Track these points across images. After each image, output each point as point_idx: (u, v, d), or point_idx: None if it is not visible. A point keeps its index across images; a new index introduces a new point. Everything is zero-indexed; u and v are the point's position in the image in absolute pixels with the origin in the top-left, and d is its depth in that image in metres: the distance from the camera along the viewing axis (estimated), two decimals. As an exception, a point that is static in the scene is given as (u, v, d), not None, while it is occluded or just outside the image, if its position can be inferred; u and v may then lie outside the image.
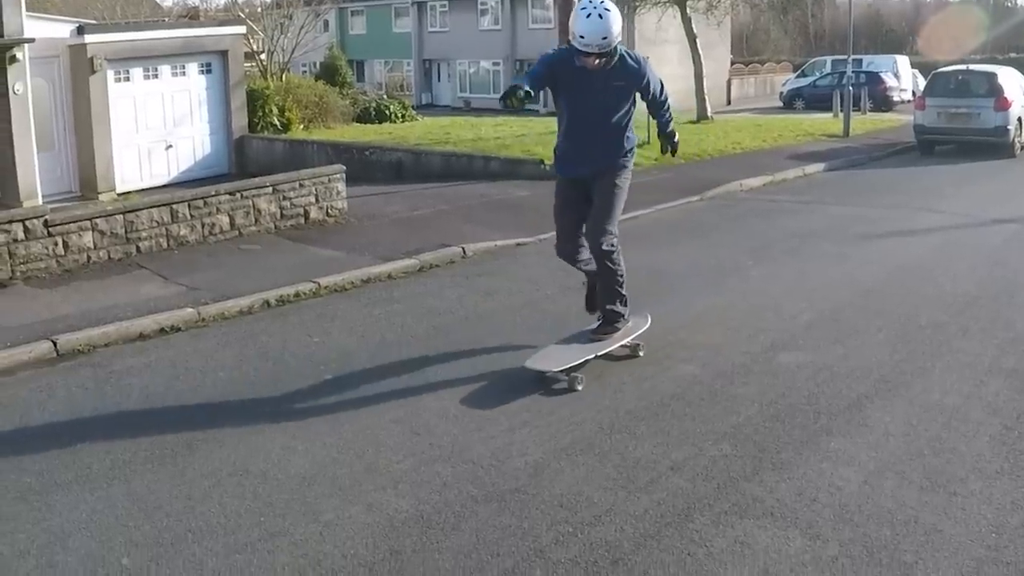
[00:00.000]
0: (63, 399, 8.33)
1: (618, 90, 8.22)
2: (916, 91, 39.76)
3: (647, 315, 9.04)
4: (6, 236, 12.18)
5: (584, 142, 8.36)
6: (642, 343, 8.71)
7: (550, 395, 7.84)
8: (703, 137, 25.86)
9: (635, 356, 8.68)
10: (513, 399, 7.81)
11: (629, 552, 5.48)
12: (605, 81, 8.06)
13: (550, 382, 7.91)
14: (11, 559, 5.70)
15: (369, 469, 6.65)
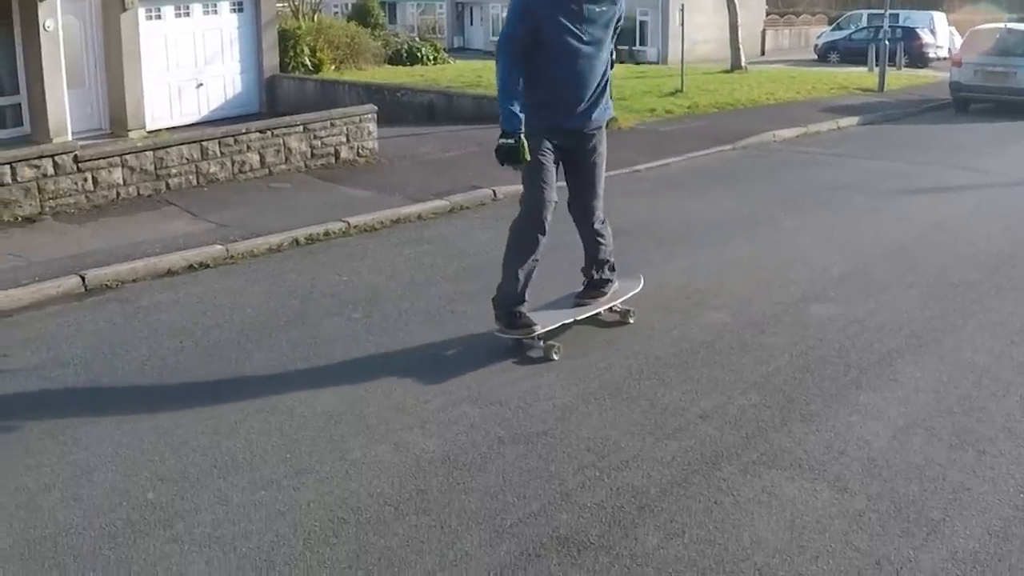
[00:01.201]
0: (91, 334, 8.34)
1: (601, 16, 7.46)
2: (952, 48, 39.40)
3: (640, 277, 8.67)
4: (35, 171, 12.18)
5: (576, 85, 7.46)
6: (633, 308, 8.29)
7: (578, 339, 7.78)
8: (736, 87, 25.63)
9: (625, 323, 8.23)
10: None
11: (655, 498, 5.45)
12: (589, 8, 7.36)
13: (526, 348, 7.64)
14: (36, 492, 5.71)
15: (396, 408, 6.64)
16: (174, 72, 24.44)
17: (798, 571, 4.76)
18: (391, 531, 5.18)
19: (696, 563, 4.83)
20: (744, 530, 5.13)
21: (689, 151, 16.86)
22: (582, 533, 5.12)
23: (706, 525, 5.19)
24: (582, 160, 7.83)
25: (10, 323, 8.76)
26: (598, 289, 8.24)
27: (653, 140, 17.88)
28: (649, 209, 12.56)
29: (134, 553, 5.07)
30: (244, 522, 5.31)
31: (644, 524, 5.20)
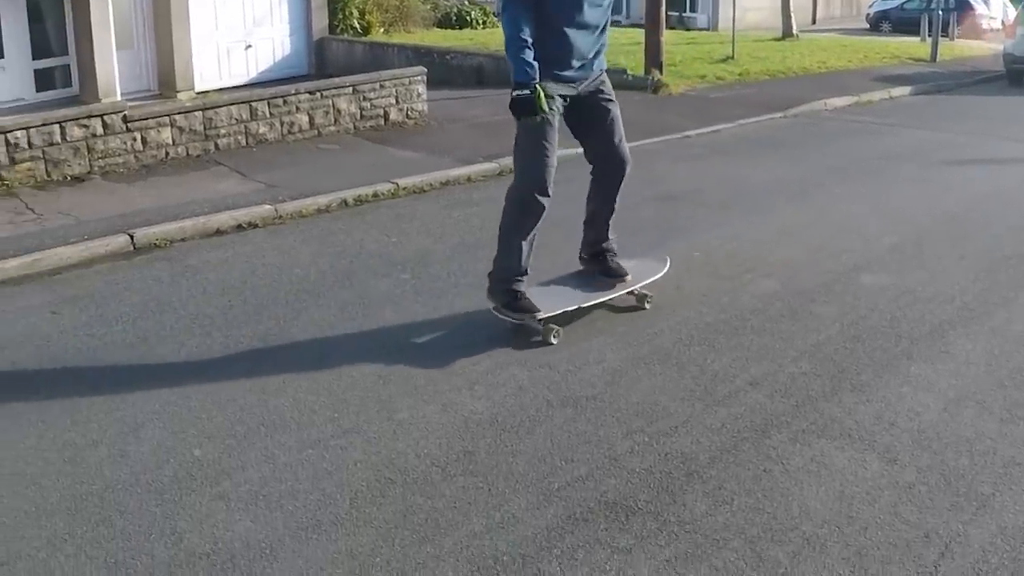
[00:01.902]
0: (139, 291, 8.36)
1: None
2: (1006, 20, 38.89)
3: (666, 259, 8.15)
4: (85, 131, 12.22)
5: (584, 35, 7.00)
6: (650, 293, 7.79)
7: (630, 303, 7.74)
8: (787, 55, 25.42)
9: (641, 308, 7.71)
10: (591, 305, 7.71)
11: (704, 465, 5.40)
12: None
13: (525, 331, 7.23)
14: (83, 448, 5.74)
15: (444, 370, 6.63)
16: (223, 33, 24.41)
17: (846, 542, 4.71)
18: (438, 492, 5.16)
19: (744, 531, 4.79)
20: (793, 499, 5.08)
21: (739, 118, 16.74)
22: (630, 498, 5.08)
23: (755, 493, 5.14)
24: (595, 107, 7.36)
25: (59, 281, 8.80)
26: (619, 277, 7.73)
27: (703, 106, 17.77)
28: (699, 175, 12.48)
29: (180, 510, 5.08)
30: (291, 480, 5.31)
31: (692, 491, 5.16)
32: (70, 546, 4.82)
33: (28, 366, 6.98)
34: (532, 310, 7.13)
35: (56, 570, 4.63)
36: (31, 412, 6.27)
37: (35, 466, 5.55)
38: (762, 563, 4.55)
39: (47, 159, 11.99)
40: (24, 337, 7.49)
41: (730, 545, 4.69)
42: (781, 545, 4.68)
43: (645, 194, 10.85)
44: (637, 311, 7.64)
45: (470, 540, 4.75)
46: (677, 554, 4.63)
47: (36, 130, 11.92)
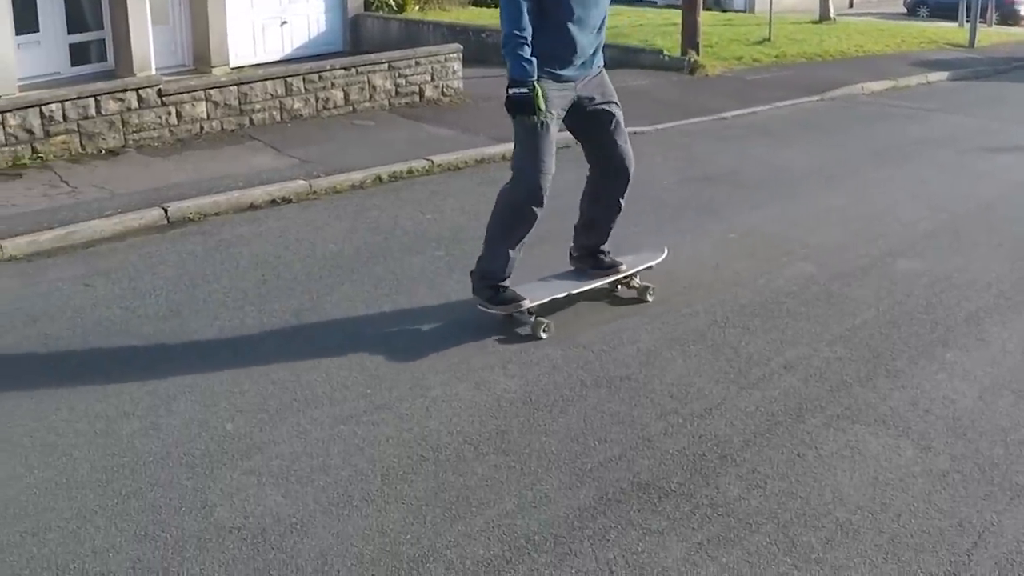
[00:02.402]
0: (172, 265, 8.36)
1: None
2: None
3: (664, 248, 7.90)
4: (120, 104, 12.22)
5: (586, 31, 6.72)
6: (652, 285, 7.54)
7: (665, 284, 7.68)
8: (824, 38, 25.24)
9: (643, 300, 7.45)
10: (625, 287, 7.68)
11: (738, 448, 5.37)
12: None
13: (514, 324, 6.98)
14: (115, 420, 5.75)
15: (478, 347, 6.61)
16: (258, 10, 24.38)
17: (879, 528, 4.68)
18: (470, 470, 5.15)
19: (777, 515, 4.76)
20: (826, 484, 5.04)
21: (776, 100, 16.63)
22: (663, 480, 5.05)
23: (788, 477, 5.10)
24: (597, 111, 7.05)
25: (93, 253, 8.81)
26: (614, 268, 7.46)
27: (740, 88, 17.67)
28: (736, 157, 12.39)
29: (211, 483, 5.08)
30: (322, 456, 5.31)
31: (726, 473, 5.13)
32: (100, 518, 4.82)
33: (61, 338, 6.98)
34: (516, 299, 6.89)
35: (86, 541, 4.64)
36: (63, 384, 6.28)
37: (66, 438, 5.57)
38: (794, 548, 4.52)
39: (82, 132, 12.00)
40: (57, 309, 7.50)
41: (763, 529, 4.66)
42: (814, 530, 4.65)
43: (682, 175, 10.83)
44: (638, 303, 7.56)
45: (501, 519, 4.73)
46: (709, 537, 4.60)
47: (71, 103, 11.93)
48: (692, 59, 19.21)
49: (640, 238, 8.45)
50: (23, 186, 10.74)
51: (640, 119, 14.35)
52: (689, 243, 8.73)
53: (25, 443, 5.53)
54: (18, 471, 5.25)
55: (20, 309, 7.53)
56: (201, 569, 4.42)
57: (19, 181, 10.94)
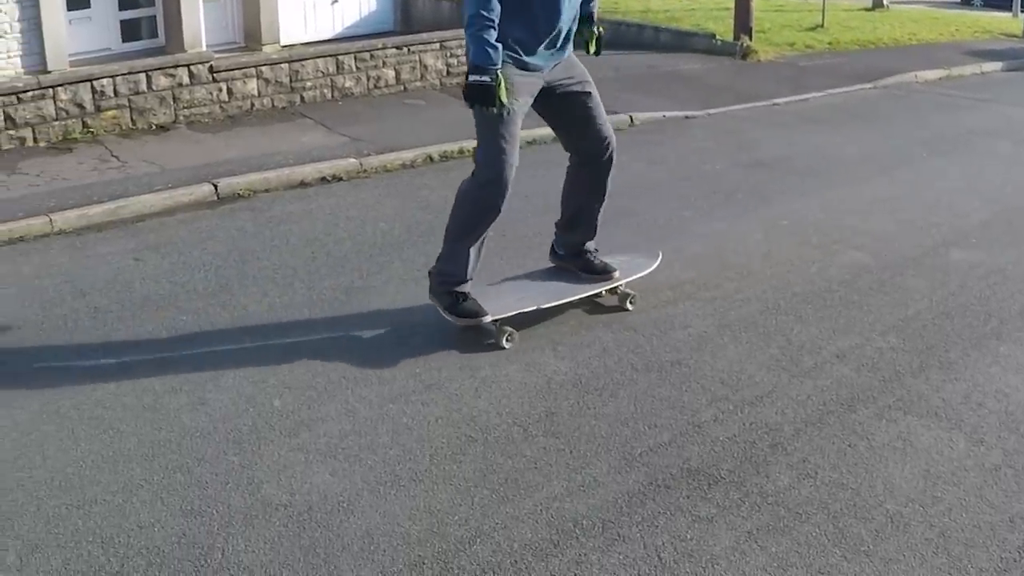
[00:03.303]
0: (222, 241, 8.37)
1: None
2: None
3: (658, 253, 7.40)
4: (171, 80, 12.25)
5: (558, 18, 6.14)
6: (635, 293, 7.02)
7: (717, 270, 7.66)
8: (878, 25, 25.01)
9: (624, 309, 6.94)
10: (677, 269, 7.66)
11: (789, 437, 5.31)
12: None
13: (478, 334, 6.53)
14: (162, 394, 5.77)
15: (527, 329, 6.57)
16: (309, -12, 24.43)
17: (930, 522, 4.62)
18: (519, 452, 5.13)
19: (828, 506, 4.71)
20: (877, 476, 4.98)
21: (829, 87, 16.47)
22: (713, 467, 5.01)
23: (839, 468, 5.05)
24: (568, 95, 6.54)
25: (142, 228, 8.84)
26: (606, 274, 6.92)
27: (792, 74, 17.52)
28: (788, 143, 12.28)
29: (258, 459, 5.08)
30: (370, 435, 5.30)
31: (776, 462, 5.08)
32: (146, 492, 4.84)
33: (110, 311, 7.00)
34: (476, 314, 6.36)
35: (131, 515, 4.65)
36: (111, 357, 6.31)
37: (114, 411, 5.59)
38: (844, 539, 4.47)
39: (132, 108, 12.02)
40: (106, 283, 7.52)
41: (812, 519, 4.61)
42: (864, 522, 4.60)
43: (733, 160, 10.76)
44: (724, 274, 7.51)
45: (550, 502, 4.71)
46: (759, 526, 4.56)
47: (122, 78, 11.96)
48: (745, 44, 19.08)
49: (691, 223, 8.42)
50: (74, 160, 10.78)
51: (692, 103, 14.31)
52: (740, 229, 8.66)
53: (72, 416, 5.55)
54: (65, 443, 5.27)
55: (70, 282, 7.56)
56: (247, 545, 4.42)
57: (70, 155, 10.99)
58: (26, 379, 6.08)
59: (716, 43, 19.19)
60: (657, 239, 8.30)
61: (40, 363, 6.29)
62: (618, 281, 6.91)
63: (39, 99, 11.46)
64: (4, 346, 6.55)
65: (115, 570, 4.27)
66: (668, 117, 13.59)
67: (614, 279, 6.88)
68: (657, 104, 14.17)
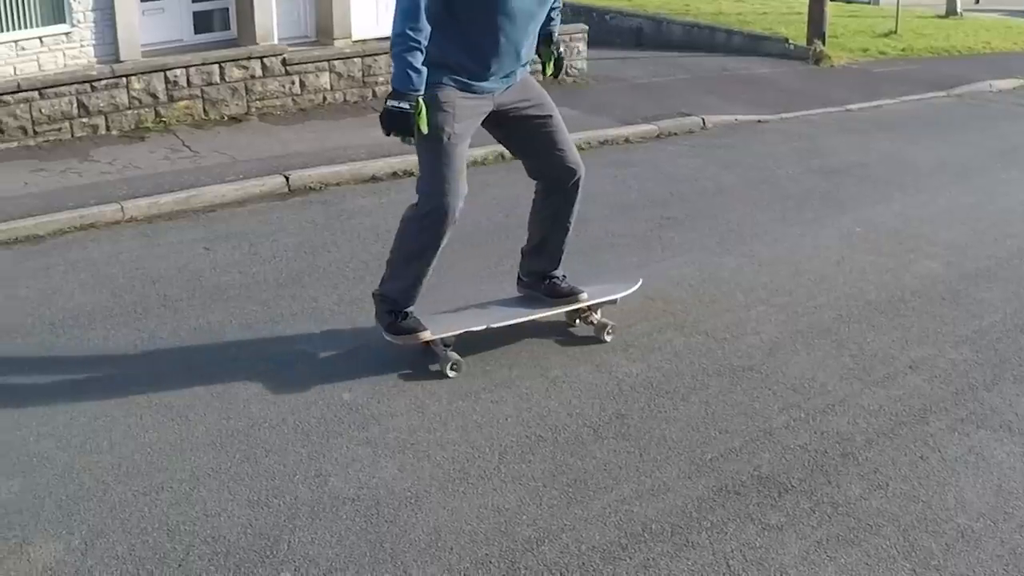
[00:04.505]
0: (292, 233, 8.40)
1: None
2: None
3: (638, 279, 6.94)
4: (244, 72, 12.34)
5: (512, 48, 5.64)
6: (612, 323, 6.51)
7: (790, 275, 7.60)
8: (951, 33, 24.79)
9: (600, 340, 6.42)
10: (750, 274, 7.62)
11: (861, 447, 5.24)
12: None
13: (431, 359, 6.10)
14: (232, 383, 5.80)
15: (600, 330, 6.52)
16: (382, -17, 24.45)
17: (1002, 538, 4.53)
18: (588, 453, 5.09)
19: (898, 518, 4.63)
20: (949, 489, 4.90)
21: (902, 94, 16.33)
22: (783, 475, 4.95)
23: (910, 480, 4.96)
24: (523, 119, 6.07)
25: (212, 218, 8.89)
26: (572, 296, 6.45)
27: (866, 80, 17.40)
28: (861, 150, 12.18)
29: (326, 452, 5.08)
30: (440, 431, 5.29)
31: (847, 472, 5.01)
32: (214, 481, 4.85)
33: (180, 300, 7.04)
34: (414, 331, 5.95)
35: (198, 504, 4.66)
36: (180, 346, 6.35)
37: (183, 399, 5.61)
38: (914, 552, 4.40)
39: (205, 98, 12.11)
40: (176, 271, 7.56)
41: (883, 531, 4.54)
42: (935, 536, 4.52)
43: (806, 165, 10.69)
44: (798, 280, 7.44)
45: (619, 505, 4.67)
46: (829, 536, 4.50)
47: (196, 69, 12.06)
48: (818, 49, 18.97)
49: (764, 227, 8.37)
50: (146, 149, 10.87)
51: (764, 107, 14.24)
52: (814, 234, 8.58)
53: (141, 402, 5.58)
54: (133, 430, 5.30)
55: (140, 270, 7.61)
56: (313, 538, 4.41)
57: (142, 144, 11.08)
58: (95, 365, 6.12)
59: (789, 47, 19.09)
60: (730, 242, 8.30)
61: (109, 349, 6.33)
62: (584, 303, 6.43)
63: (113, 88, 11.57)
64: (74, 331, 6.60)
65: (180, 558, 4.28)
66: (741, 121, 13.54)
67: (580, 301, 6.41)
68: (730, 107, 14.12)
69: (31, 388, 5.85)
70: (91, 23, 14.95)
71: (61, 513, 4.60)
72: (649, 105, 13.95)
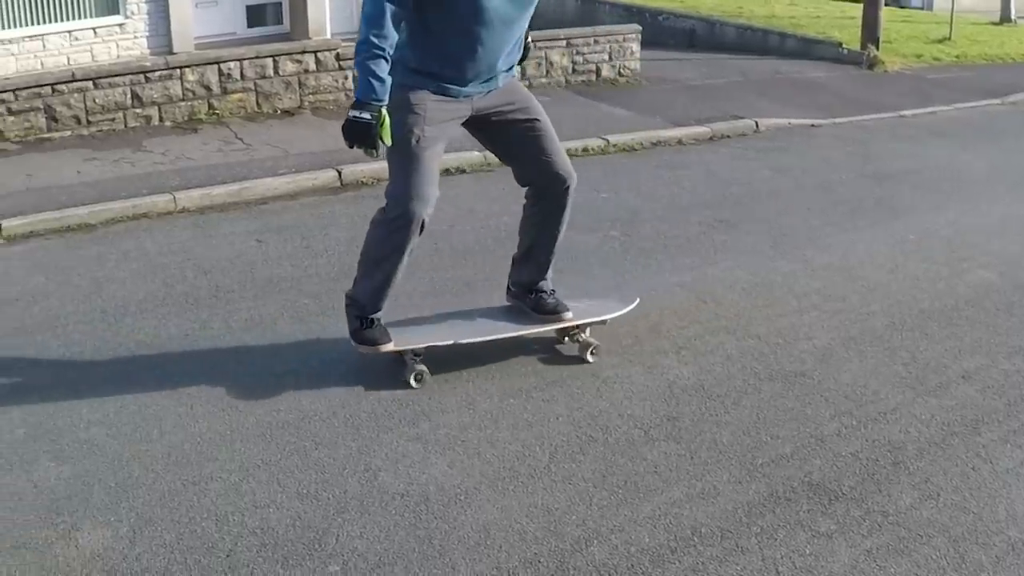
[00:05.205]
0: (345, 227, 8.41)
1: None
2: None
3: (636, 297, 6.60)
4: (297, 66, 12.39)
5: (487, 57, 5.44)
6: (597, 344, 6.19)
7: (843, 282, 7.55)
8: (1005, 40, 24.56)
9: (584, 361, 6.12)
10: (803, 279, 7.58)
11: (912, 456, 5.19)
12: None
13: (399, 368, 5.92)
14: (281, 376, 5.85)
15: (652, 331, 6.53)
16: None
17: (1053, 553, 4.49)
18: (639, 455, 5.08)
19: (948, 529, 4.59)
20: (1000, 501, 4.84)
21: (956, 101, 16.20)
22: (835, 482, 4.91)
23: (962, 491, 4.92)
24: (508, 124, 5.82)
25: (265, 210, 8.93)
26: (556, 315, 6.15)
27: (919, 86, 17.28)
28: (914, 156, 12.09)
29: (376, 447, 5.10)
30: (490, 428, 5.30)
31: (899, 481, 4.96)
32: (263, 472, 4.87)
33: (232, 291, 7.08)
34: (375, 342, 5.79)
35: (247, 494, 4.69)
36: (231, 337, 6.39)
37: (233, 390, 5.66)
38: (964, 564, 4.36)
39: (258, 91, 12.17)
40: (229, 262, 7.60)
41: (933, 542, 4.50)
42: (985, 548, 4.48)
43: (859, 171, 10.63)
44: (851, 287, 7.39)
45: (669, 507, 4.65)
46: (879, 545, 4.46)
47: (249, 62, 12.12)
48: (871, 54, 18.85)
49: (817, 233, 8.33)
50: (199, 140, 10.93)
51: (817, 112, 14.17)
52: (867, 241, 8.51)
53: (192, 392, 5.62)
54: (183, 419, 5.34)
55: (192, 260, 7.66)
56: (362, 532, 4.43)
57: (195, 135, 11.15)
58: (146, 353, 6.17)
59: (842, 52, 18.98)
60: (784, 246, 8.26)
61: (161, 338, 6.37)
62: (568, 322, 6.15)
63: (167, 79, 11.65)
64: (126, 320, 6.65)
65: (228, 548, 4.30)
66: (794, 125, 13.46)
67: (563, 320, 6.13)
68: (782, 111, 14.05)
69: (82, 375, 5.90)
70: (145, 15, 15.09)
71: (110, 500, 4.64)
72: (702, 107, 13.92)
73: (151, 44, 15.26)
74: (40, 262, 7.77)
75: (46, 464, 4.93)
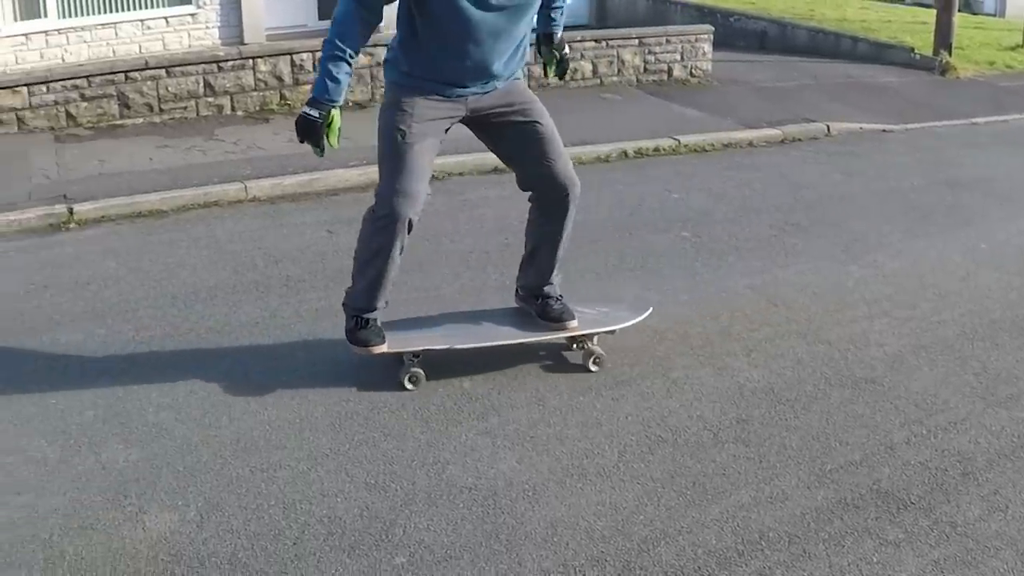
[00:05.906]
0: (414, 221, 8.42)
1: None
2: None
3: (649, 306, 6.42)
4: (370, 60, 12.42)
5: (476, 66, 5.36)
6: (602, 354, 6.02)
7: (914, 289, 7.48)
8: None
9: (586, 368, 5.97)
10: (874, 285, 7.52)
11: (982, 467, 5.14)
12: None
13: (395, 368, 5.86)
14: (353, 367, 5.89)
15: (723, 333, 6.51)
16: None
17: (1122, 569, 4.44)
18: (708, 456, 5.07)
19: (1016, 542, 4.54)
20: (1070, 515, 4.80)
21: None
22: (903, 491, 4.88)
23: (1030, 504, 4.87)
24: (508, 126, 5.74)
25: (335, 201, 8.98)
26: (561, 323, 6.01)
27: (991, 94, 17.07)
28: (987, 164, 11.94)
29: (445, 440, 5.13)
30: (559, 425, 5.31)
31: (967, 492, 4.92)
32: (331, 462, 4.91)
33: (302, 280, 7.14)
34: (367, 343, 5.71)
35: (315, 483, 4.73)
36: (302, 326, 6.44)
37: (303, 379, 5.73)
38: (1032, 577, 4.32)
39: (330, 83, 12.20)
40: (299, 252, 7.65)
41: (1001, 555, 4.45)
42: (1054, 562, 4.44)
43: (931, 178, 10.53)
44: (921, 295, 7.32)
45: (736, 510, 4.64)
46: (946, 556, 4.43)
47: (321, 54, 12.15)
48: (944, 60, 18.67)
49: (888, 238, 8.27)
50: (270, 130, 11.00)
51: (889, 117, 14.04)
52: (938, 248, 8.43)
53: (261, 380, 5.68)
54: (253, 407, 5.39)
55: (262, 249, 7.72)
56: (429, 524, 4.45)
57: (266, 125, 11.22)
58: (216, 339, 6.23)
59: (914, 57, 18.80)
60: (855, 251, 8.21)
61: (231, 325, 6.43)
62: (573, 331, 6.01)
63: (239, 69, 11.74)
64: (196, 306, 6.71)
65: (295, 536, 4.34)
66: (865, 129, 13.34)
67: (567, 328, 5.99)
68: (854, 115, 13.93)
69: (152, 360, 5.97)
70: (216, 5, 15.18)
71: (178, 484, 4.70)
72: (773, 109, 13.83)
73: (222, 35, 15.36)
74: (112, 247, 7.85)
75: (115, 447, 5.00)
